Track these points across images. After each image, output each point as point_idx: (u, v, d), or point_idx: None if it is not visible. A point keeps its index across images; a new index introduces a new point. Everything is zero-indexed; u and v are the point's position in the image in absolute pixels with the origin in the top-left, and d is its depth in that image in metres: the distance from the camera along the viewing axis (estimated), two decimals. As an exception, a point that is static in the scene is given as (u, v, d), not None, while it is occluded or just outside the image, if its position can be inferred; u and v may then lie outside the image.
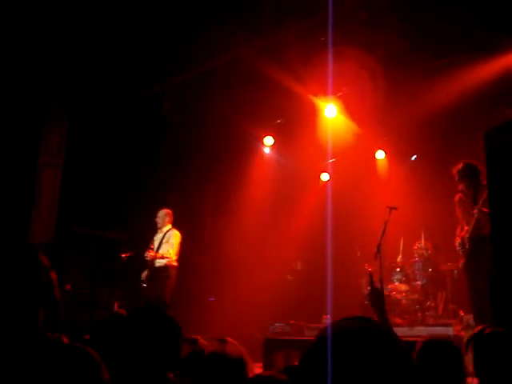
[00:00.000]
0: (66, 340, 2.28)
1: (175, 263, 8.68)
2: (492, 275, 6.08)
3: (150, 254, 8.60)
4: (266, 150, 11.04)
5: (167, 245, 8.64)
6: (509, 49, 7.80)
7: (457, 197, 7.01)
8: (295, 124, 10.12)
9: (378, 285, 3.15)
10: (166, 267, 8.59)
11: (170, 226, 8.85)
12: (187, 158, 10.24)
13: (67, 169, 8.66)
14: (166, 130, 9.69)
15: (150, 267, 8.65)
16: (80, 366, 1.93)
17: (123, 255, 8.40)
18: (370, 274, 3.13)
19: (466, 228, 6.76)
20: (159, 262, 8.62)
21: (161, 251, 8.60)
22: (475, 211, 6.55)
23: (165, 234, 8.75)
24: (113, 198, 9.41)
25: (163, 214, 8.88)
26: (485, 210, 6.26)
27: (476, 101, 8.43)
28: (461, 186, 6.87)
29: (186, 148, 10.14)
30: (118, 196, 9.49)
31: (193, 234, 9.20)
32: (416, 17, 7.25)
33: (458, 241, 6.94)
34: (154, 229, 9.00)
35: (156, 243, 8.77)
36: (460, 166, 6.86)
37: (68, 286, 8.19)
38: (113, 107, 8.82)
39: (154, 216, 8.92)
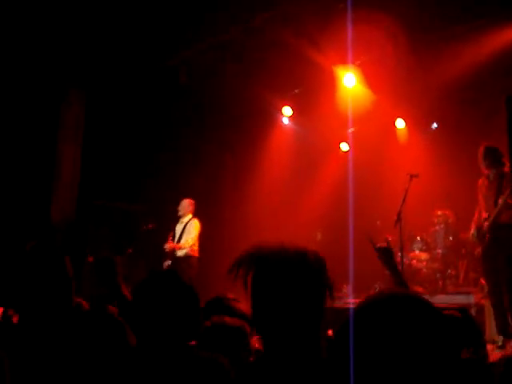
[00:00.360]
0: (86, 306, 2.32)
1: (196, 253, 8.77)
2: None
3: (168, 246, 8.72)
4: (285, 121, 10.96)
5: (188, 235, 8.75)
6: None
7: (480, 181, 6.69)
8: (314, 93, 10.01)
9: (383, 245, 3.09)
10: (186, 257, 8.69)
11: (190, 216, 8.93)
12: (206, 129, 10.22)
13: (87, 142, 8.71)
14: (185, 101, 9.66)
15: (171, 258, 8.76)
16: (105, 330, 1.97)
17: (145, 227, 8.48)
18: (371, 239, 3.09)
19: (485, 215, 6.46)
20: (180, 252, 8.71)
21: (182, 242, 8.72)
22: (500, 201, 6.23)
23: (185, 224, 8.85)
24: (133, 171, 9.46)
25: (186, 204, 8.97)
26: (510, 201, 6.09)
27: (497, 67, 8.28)
28: (486, 171, 6.54)
29: (205, 119, 10.11)
30: (139, 169, 9.53)
31: (214, 207, 9.22)
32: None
33: (473, 228, 6.67)
34: (174, 213, 9.05)
35: (177, 234, 8.88)
36: (483, 149, 6.52)
37: (91, 259, 8.29)
38: (130, 79, 8.80)
39: (176, 206, 9.00)
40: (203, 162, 10.42)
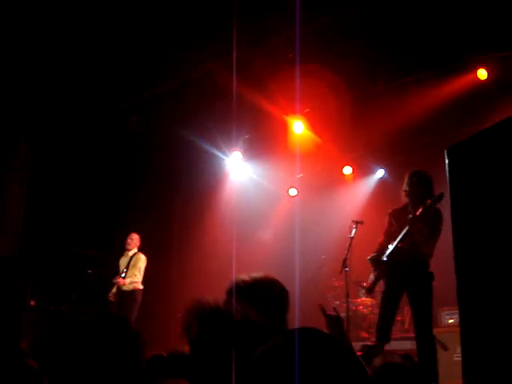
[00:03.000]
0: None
1: (141, 286, 8.86)
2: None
3: (119, 281, 8.74)
4: (235, 166, 11.05)
5: (134, 269, 8.83)
6: (473, 66, 8.00)
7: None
8: (263, 140, 10.17)
9: (332, 313, 3.14)
10: (133, 291, 8.77)
11: (135, 250, 9.04)
12: (157, 173, 10.19)
13: (33, 185, 8.58)
14: (134, 145, 9.66)
15: (118, 291, 8.80)
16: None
17: (90, 271, 8.34)
18: (322, 308, 3.14)
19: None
20: (126, 287, 8.77)
21: (128, 275, 8.77)
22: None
23: (131, 257, 8.95)
24: (81, 214, 9.33)
25: (134, 238, 9.08)
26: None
27: (439, 117, 8.61)
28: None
29: (155, 163, 10.10)
30: (86, 213, 9.41)
31: (160, 252, 9.22)
32: (382, 34, 7.38)
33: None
34: (119, 249, 9.01)
35: (122, 266, 8.94)
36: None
37: (32, 302, 8.04)
38: (81, 122, 8.77)
39: (124, 238, 9.06)
40: (151, 207, 10.35)
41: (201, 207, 11.06)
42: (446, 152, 3.81)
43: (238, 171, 11.05)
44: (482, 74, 7.97)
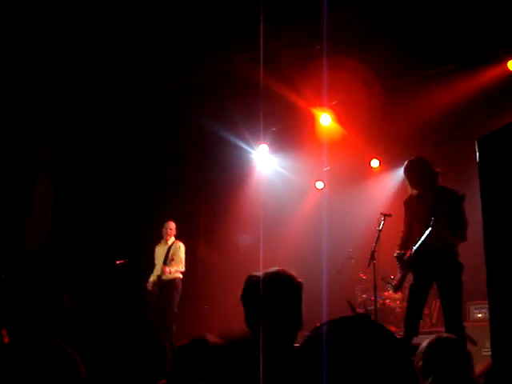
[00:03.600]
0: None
1: (181, 276, 8.87)
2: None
3: (166, 270, 8.71)
4: (262, 159, 11.03)
5: (177, 257, 8.84)
6: (500, 59, 7.88)
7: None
8: (290, 132, 10.14)
9: (360, 310, 3.18)
10: (174, 280, 8.77)
11: (173, 239, 9.02)
12: (182, 167, 10.23)
13: (62, 176, 8.69)
14: (161, 141, 9.69)
15: (158, 280, 8.79)
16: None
17: (118, 262, 8.41)
18: (350, 303, 3.14)
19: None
20: (167, 276, 8.75)
21: (173, 264, 8.77)
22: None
23: (170, 246, 8.92)
24: (108, 208, 9.43)
25: (173, 227, 9.07)
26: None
27: (469, 109, 8.50)
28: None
29: (181, 158, 10.14)
30: (113, 206, 9.50)
31: (187, 245, 9.22)
32: (411, 25, 7.29)
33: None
34: (150, 239, 9.04)
35: (161, 255, 8.93)
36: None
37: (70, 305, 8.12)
38: (108, 116, 8.84)
39: (160, 227, 9.08)
40: (177, 201, 10.39)
41: (227, 200, 11.08)
42: (476, 143, 3.76)
43: (265, 164, 11.04)
44: (513, 65, 7.86)
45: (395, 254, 6.09)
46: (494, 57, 7.89)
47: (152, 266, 9.11)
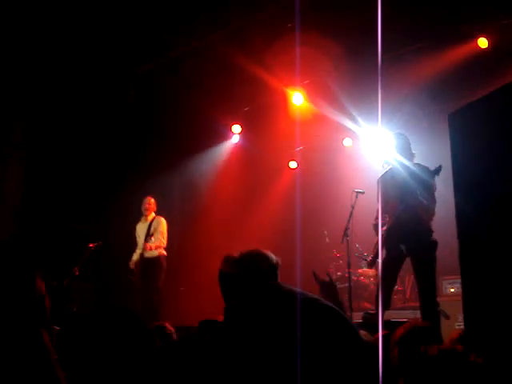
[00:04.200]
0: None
1: (165, 252, 8.61)
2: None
3: (147, 246, 8.40)
4: (235, 138, 10.99)
5: (157, 233, 8.52)
6: (473, 35, 7.95)
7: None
8: (263, 112, 10.11)
9: (325, 278, 3.11)
10: (158, 257, 8.49)
11: (153, 214, 8.73)
12: (155, 147, 10.13)
13: (31, 160, 8.56)
14: (133, 120, 9.58)
15: (141, 258, 8.51)
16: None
17: (91, 245, 8.28)
18: (314, 273, 3.12)
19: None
20: (150, 253, 8.48)
21: (153, 240, 8.45)
22: None
23: (150, 222, 8.62)
24: (79, 189, 9.32)
25: (149, 201, 8.76)
26: None
27: (437, 86, 8.57)
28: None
29: (154, 138, 10.05)
30: (84, 187, 9.39)
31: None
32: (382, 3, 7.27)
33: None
34: (126, 217, 8.90)
35: (142, 232, 8.63)
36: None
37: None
38: (79, 96, 8.70)
39: (138, 203, 8.81)
40: (151, 180, 10.31)
41: (203, 177, 11.08)
42: (448, 118, 3.79)
43: (239, 144, 11.01)
44: (483, 42, 7.92)
45: (373, 222, 6.13)
46: (464, 34, 7.95)
47: (134, 244, 8.86)
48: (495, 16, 7.52)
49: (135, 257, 8.63)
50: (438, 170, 5.53)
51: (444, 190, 5.52)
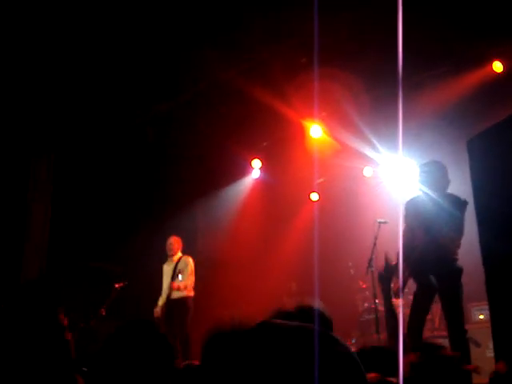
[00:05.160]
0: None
1: (192, 293, 8.40)
2: None
3: (174, 286, 8.22)
4: (255, 173, 11.03)
5: (186, 272, 8.33)
6: (488, 59, 7.98)
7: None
8: (282, 146, 10.17)
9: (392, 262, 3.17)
10: (185, 298, 8.28)
11: (180, 254, 8.60)
12: (177, 185, 10.21)
13: (57, 203, 8.65)
14: (154, 159, 9.67)
15: (167, 302, 8.33)
16: None
17: (117, 285, 8.29)
18: (385, 260, 3.17)
19: None
20: (177, 294, 8.28)
21: (180, 280, 8.25)
22: None
23: (177, 262, 8.47)
24: (104, 229, 9.37)
25: (174, 241, 8.63)
26: None
27: (456, 112, 8.55)
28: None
29: (175, 176, 10.13)
30: (110, 228, 9.45)
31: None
32: (393, 32, 7.32)
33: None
34: (148, 257, 8.90)
35: (168, 272, 8.48)
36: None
37: (65, 322, 8.06)
38: (100, 138, 8.83)
39: (160, 243, 8.73)
40: (175, 218, 10.36)
41: (224, 215, 11.09)
42: (466, 144, 3.79)
43: (259, 178, 11.05)
44: (498, 66, 7.94)
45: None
46: (480, 59, 7.98)
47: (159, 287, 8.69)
48: (509, 39, 7.55)
49: (160, 302, 8.44)
50: (466, 203, 5.50)
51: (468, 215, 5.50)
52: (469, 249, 5.60)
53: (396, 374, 2.44)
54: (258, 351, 1.00)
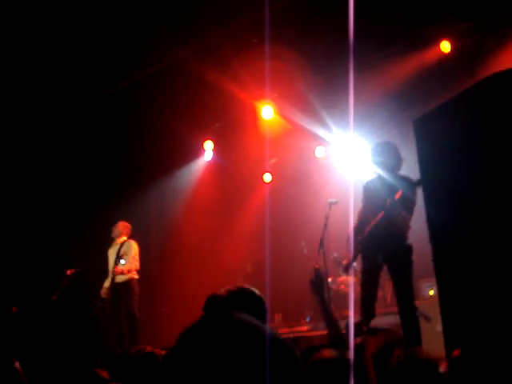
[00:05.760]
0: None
1: (137, 276, 8.43)
2: None
3: (117, 270, 8.22)
4: (208, 155, 10.98)
5: (128, 256, 8.33)
6: (436, 39, 8.09)
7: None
8: (234, 127, 10.15)
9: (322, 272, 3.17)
10: (129, 282, 8.30)
11: (125, 238, 8.58)
12: (128, 167, 10.08)
13: (5, 189, 8.47)
14: (106, 141, 9.52)
15: (111, 284, 8.30)
16: None
17: (68, 272, 8.15)
18: (314, 267, 3.16)
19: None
20: (121, 278, 8.29)
21: (123, 263, 8.25)
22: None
23: (121, 245, 8.44)
24: (56, 216, 9.22)
25: (120, 225, 8.64)
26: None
27: (403, 94, 8.68)
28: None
29: (126, 157, 9.99)
30: (62, 214, 9.30)
31: (138, 245, 9.04)
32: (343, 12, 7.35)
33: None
34: (101, 242, 8.83)
35: (112, 257, 8.47)
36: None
37: (14, 309, 7.93)
38: (51, 122, 8.64)
39: (110, 228, 8.71)
40: (126, 202, 10.24)
41: (177, 197, 11.04)
42: (413, 125, 3.86)
43: (212, 160, 11.01)
44: (445, 46, 8.06)
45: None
46: (428, 39, 8.08)
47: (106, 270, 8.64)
48: (456, 20, 7.66)
49: (106, 283, 8.41)
50: (419, 182, 5.58)
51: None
52: (421, 227, 5.72)
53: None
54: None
